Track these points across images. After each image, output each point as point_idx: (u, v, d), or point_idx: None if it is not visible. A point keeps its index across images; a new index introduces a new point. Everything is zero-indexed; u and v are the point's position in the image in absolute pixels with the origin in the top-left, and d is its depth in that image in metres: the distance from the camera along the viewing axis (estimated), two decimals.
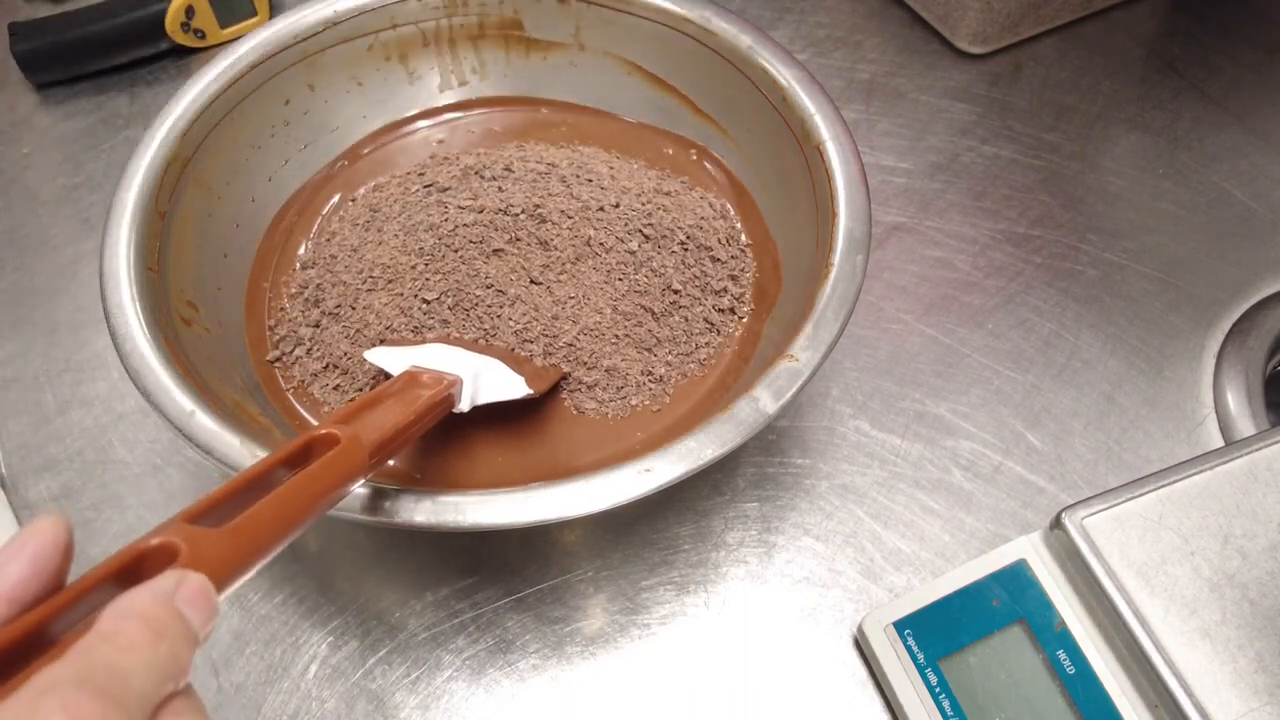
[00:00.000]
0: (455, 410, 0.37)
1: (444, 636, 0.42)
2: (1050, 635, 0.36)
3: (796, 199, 0.45)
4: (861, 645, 0.41)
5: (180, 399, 0.36)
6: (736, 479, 0.46)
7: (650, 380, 0.44)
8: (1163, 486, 0.37)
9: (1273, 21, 0.65)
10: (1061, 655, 0.36)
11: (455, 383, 0.37)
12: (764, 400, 0.36)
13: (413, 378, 0.37)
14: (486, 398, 0.39)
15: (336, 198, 0.50)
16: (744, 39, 0.46)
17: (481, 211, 0.46)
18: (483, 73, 0.53)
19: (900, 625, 0.39)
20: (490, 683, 0.41)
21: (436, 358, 0.40)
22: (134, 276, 0.39)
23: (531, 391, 0.40)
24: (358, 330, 0.44)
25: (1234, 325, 0.51)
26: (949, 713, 0.37)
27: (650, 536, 0.44)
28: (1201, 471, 0.37)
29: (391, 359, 0.40)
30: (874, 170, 0.57)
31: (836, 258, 0.39)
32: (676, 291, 0.45)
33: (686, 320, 0.45)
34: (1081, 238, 0.55)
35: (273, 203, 0.49)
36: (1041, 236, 0.55)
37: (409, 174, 0.50)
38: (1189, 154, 0.58)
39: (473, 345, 0.43)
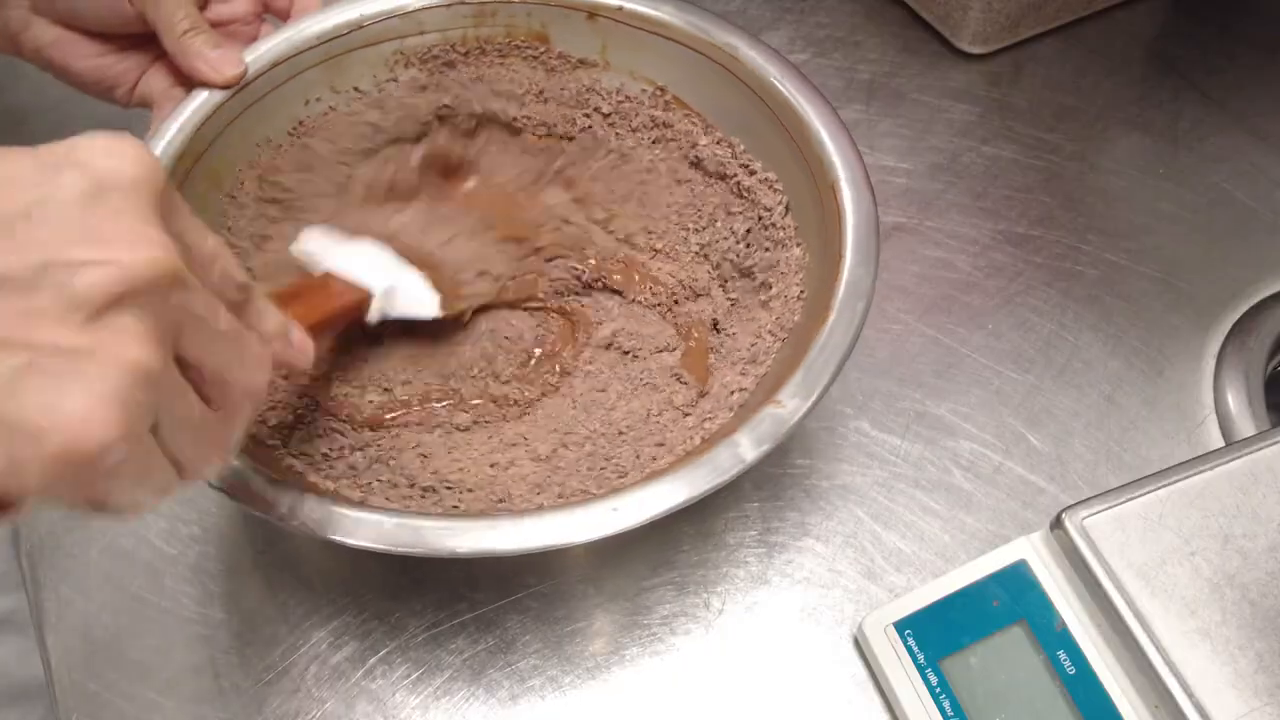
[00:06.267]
0: (366, 320, 0.40)
1: (444, 636, 0.42)
2: (1051, 636, 0.36)
3: (805, 234, 0.44)
4: (861, 645, 0.41)
5: None
6: (737, 479, 0.46)
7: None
8: (1163, 487, 0.37)
9: (1273, 21, 0.65)
10: (1062, 656, 0.36)
11: (365, 294, 0.40)
12: (744, 447, 0.35)
13: (326, 281, 0.39)
14: (398, 313, 0.42)
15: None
16: (771, 69, 0.45)
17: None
18: None
19: (901, 626, 0.39)
20: (490, 683, 0.41)
21: (360, 260, 0.41)
22: None
23: (441, 314, 0.43)
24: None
25: (1234, 326, 0.51)
26: (949, 713, 0.37)
27: (650, 537, 0.44)
28: (1201, 472, 0.37)
29: (320, 250, 0.41)
30: (874, 170, 0.57)
31: (836, 303, 0.38)
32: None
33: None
34: (1081, 238, 0.55)
35: None
36: (1042, 237, 0.55)
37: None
38: (1189, 154, 0.58)
39: (416, 253, 0.44)
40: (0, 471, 0.22)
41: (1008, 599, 0.38)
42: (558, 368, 0.46)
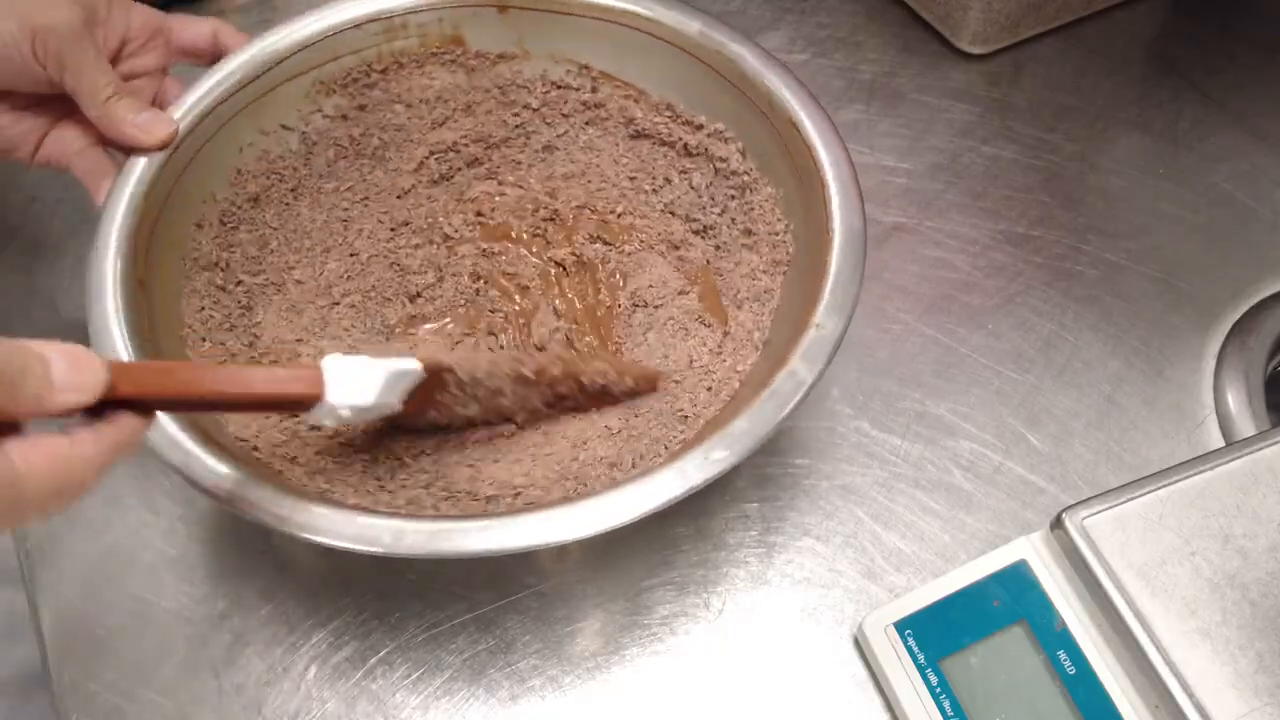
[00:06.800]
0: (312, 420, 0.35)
1: (444, 637, 0.42)
2: (1051, 636, 0.36)
3: (772, 172, 0.45)
4: (862, 645, 0.41)
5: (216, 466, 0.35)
6: (736, 479, 0.46)
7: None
8: (1163, 487, 0.37)
9: (1273, 21, 0.65)
10: (1062, 656, 0.36)
11: (312, 391, 0.34)
12: (801, 371, 0.36)
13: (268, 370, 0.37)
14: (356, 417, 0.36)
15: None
16: (693, 25, 0.45)
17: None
18: None
19: (901, 626, 0.39)
20: (490, 683, 0.41)
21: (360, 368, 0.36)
22: (131, 352, 0.37)
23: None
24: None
25: (1234, 326, 0.51)
26: (949, 713, 0.37)
27: (650, 537, 0.44)
28: (1202, 472, 0.37)
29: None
30: (874, 170, 0.57)
31: (836, 224, 0.39)
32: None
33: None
34: (1081, 238, 0.55)
35: None
36: (1041, 237, 0.55)
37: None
38: (1189, 154, 0.58)
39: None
40: None
41: (1008, 599, 0.38)
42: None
